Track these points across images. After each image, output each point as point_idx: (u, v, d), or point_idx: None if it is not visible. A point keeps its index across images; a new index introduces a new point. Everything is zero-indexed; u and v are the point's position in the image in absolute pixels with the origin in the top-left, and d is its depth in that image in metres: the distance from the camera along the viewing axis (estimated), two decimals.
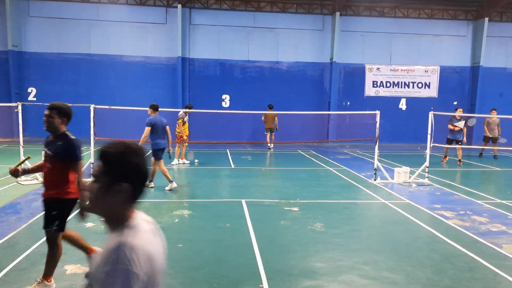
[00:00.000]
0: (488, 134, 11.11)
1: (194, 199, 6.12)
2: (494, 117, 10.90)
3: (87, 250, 3.36)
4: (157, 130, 6.43)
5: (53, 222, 3.06)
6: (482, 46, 15.00)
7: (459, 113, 9.73)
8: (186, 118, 9.54)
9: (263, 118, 12.71)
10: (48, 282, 3.13)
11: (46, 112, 3.10)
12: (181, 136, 9.30)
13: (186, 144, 9.85)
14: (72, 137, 3.16)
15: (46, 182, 3.16)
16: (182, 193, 6.48)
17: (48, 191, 3.11)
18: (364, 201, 6.33)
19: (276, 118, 12.56)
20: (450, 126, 9.82)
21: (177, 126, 9.35)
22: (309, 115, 14.34)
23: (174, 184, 6.57)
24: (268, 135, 12.70)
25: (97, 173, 1.19)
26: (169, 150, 6.66)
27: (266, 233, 4.61)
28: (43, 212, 3.14)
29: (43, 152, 3.22)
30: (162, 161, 6.62)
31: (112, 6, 14.10)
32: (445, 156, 10.44)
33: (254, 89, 14.78)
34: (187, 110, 9.34)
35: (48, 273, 3.13)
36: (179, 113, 9.46)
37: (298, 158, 11.15)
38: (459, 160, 10.08)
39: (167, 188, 6.54)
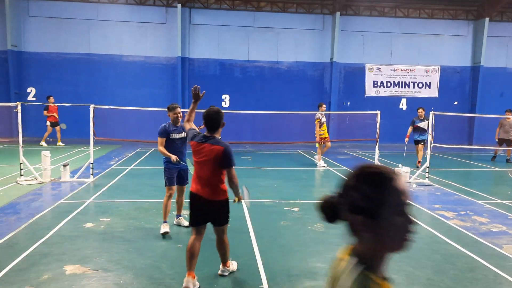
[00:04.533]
0: (500, 135, 10.72)
1: None
2: (511, 118, 10.58)
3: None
4: None
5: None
6: (482, 46, 14.98)
7: (420, 113, 9.45)
8: (323, 119, 9.31)
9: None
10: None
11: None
12: (320, 138, 9.25)
13: (322, 145, 9.49)
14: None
15: None
16: None
17: None
18: None
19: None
20: (409, 129, 9.45)
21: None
22: (309, 115, 14.30)
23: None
24: None
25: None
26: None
27: (266, 233, 4.60)
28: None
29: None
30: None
31: (111, 6, 14.09)
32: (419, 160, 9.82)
33: (254, 89, 14.76)
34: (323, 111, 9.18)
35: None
36: (316, 114, 9.27)
37: (298, 158, 11.14)
38: (418, 161, 9.59)
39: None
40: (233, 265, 3.54)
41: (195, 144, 3.21)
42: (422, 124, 9.46)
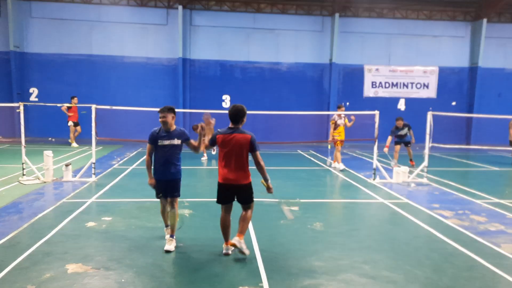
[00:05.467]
0: None
1: (195, 199, 6.14)
2: None
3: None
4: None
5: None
6: (480, 47, 15.05)
7: (399, 123, 9.42)
8: (339, 121, 8.92)
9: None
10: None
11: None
12: (336, 141, 8.82)
13: (338, 147, 9.04)
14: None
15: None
16: (183, 193, 6.47)
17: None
18: (363, 201, 6.35)
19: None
20: (389, 139, 9.31)
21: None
22: (309, 116, 14.37)
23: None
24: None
25: None
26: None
27: (266, 232, 4.63)
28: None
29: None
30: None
31: (113, 7, 14.15)
32: (395, 163, 9.32)
33: (254, 90, 14.82)
34: (340, 112, 8.76)
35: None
36: (332, 115, 8.85)
37: (298, 158, 11.17)
38: (411, 160, 9.74)
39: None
40: (246, 248, 3.75)
41: (222, 137, 3.71)
42: (403, 132, 9.66)
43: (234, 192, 3.76)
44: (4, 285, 3.15)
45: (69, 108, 11.80)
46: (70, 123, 12.06)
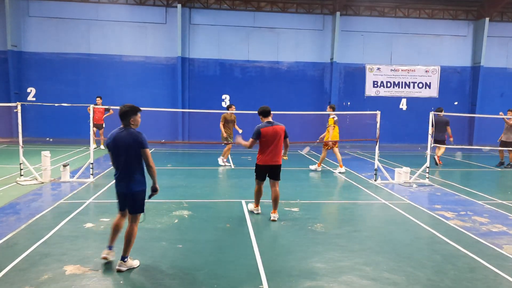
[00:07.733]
0: (501, 137, 9.80)
1: (194, 200, 6.11)
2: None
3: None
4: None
5: None
6: (482, 46, 14.99)
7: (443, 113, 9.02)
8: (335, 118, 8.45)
9: (222, 124, 9.15)
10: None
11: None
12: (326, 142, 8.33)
13: (329, 149, 8.59)
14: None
15: None
16: (181, 194, 6.46)
17: None
18: (364, 202, 6.32)
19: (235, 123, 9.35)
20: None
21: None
22: (309, 115, 14.32)
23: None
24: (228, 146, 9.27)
25: None
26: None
27: (266, 233, 4.61)
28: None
29: None
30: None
31: (111, 6, 14.10)
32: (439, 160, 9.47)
33: (254, 89, 14.78)
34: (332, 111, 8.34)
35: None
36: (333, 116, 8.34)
37: (298, 158, 11.14)
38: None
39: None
40: (276, 214, 5.11)
41: (265, 130, 4.96)
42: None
43: (270, 171, 5.03)
44: (1, 287, 3.14)
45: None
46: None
